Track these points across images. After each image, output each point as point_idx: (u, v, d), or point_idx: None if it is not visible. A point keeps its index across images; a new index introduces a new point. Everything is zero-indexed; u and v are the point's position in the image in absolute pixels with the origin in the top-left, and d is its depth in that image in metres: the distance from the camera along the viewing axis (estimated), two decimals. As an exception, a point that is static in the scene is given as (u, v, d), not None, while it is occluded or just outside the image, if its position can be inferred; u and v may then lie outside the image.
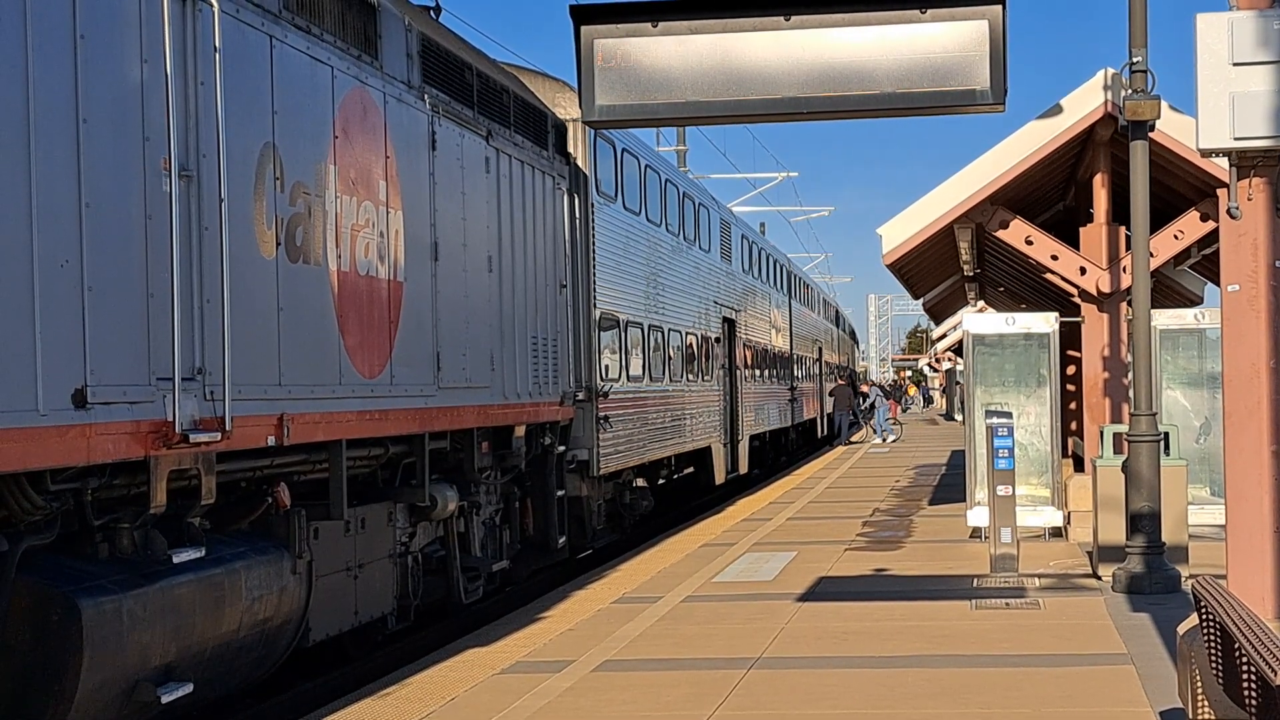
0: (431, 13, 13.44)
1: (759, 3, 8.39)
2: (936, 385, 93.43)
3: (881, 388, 58.93)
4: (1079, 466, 19.60)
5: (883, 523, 19.95)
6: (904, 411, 79.19)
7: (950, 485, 25.42)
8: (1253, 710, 5.84)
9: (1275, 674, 5.15)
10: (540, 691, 9.61)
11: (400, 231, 11.23)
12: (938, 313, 43.88)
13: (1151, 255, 14.49)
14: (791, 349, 38.31)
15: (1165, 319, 17.10)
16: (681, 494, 25.55)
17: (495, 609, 14.50)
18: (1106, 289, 17.46)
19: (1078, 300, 18.07)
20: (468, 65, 12.99)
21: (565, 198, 16.19)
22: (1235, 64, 7.85)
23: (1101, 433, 15.07)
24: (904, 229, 18.28)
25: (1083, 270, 17.62)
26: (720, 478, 25.61)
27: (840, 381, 47.67)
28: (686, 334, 23.36)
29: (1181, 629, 7.75)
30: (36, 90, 6.90)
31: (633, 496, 19.98)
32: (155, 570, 8.09)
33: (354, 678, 11.46)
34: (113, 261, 7.43)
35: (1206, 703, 7.04)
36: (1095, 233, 17.99)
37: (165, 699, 7.97)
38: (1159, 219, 16.67)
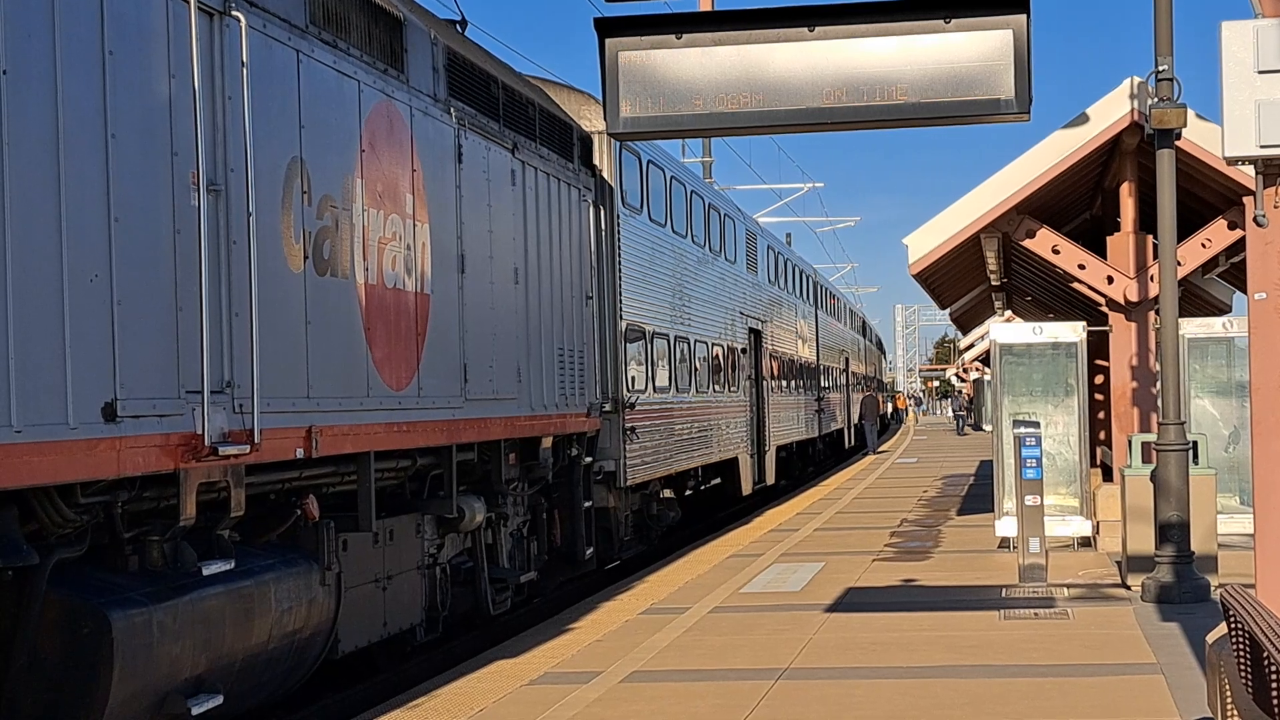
0: (457, 26, 13.50)
1: (783, 14, 8.40)
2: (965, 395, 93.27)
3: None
4: (1107, 476, 19.52)
5: (911, 533, 19.91)
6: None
7: (978, 495, 25.35)
8: (1282, 719, 5.82)
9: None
10: (569, 702, 9.62)
11: (427, 244, 11.27)
12: (965, 323, 43.70)
13: (1179, 264, 14.45)
14: (818, 359, 38.27)
15: (1193, 327, 17.02)
16: (709, 505, 25.53)
17: (523, 620, 14.51)
18: (1134, 298, 17.41)
19: (1105, 309, 18.00)
20: (493, 78, 13.04)
21: (591, 210, 16.22)
22: (1261, 71, 7.82)
23: (1130, 442, 15.01)
24: (930, 239, 18.24)
25: (1110, 279, 17.57)
26: (747, 488, 25.59)
27: (867, 391, 47.61)
28: (713, 345, 23.36)
29: (1211, 638, 7.73)
30: (65, 106, 6.96)
31: (660, 507, 19.97)
32: (185, 582, 8.13)
33: (383, 689, 11.48)
34: (142, 275, 7.48)
35: (1236, 712, 7.01)
36: (1122, 241, 17.94)
37: (195, 711, 8.01)
38: (1186, 227, 16.61)
